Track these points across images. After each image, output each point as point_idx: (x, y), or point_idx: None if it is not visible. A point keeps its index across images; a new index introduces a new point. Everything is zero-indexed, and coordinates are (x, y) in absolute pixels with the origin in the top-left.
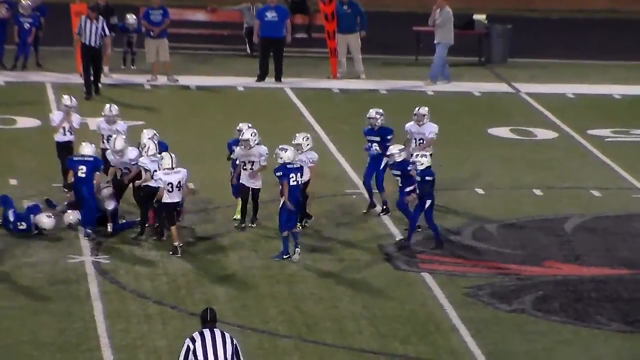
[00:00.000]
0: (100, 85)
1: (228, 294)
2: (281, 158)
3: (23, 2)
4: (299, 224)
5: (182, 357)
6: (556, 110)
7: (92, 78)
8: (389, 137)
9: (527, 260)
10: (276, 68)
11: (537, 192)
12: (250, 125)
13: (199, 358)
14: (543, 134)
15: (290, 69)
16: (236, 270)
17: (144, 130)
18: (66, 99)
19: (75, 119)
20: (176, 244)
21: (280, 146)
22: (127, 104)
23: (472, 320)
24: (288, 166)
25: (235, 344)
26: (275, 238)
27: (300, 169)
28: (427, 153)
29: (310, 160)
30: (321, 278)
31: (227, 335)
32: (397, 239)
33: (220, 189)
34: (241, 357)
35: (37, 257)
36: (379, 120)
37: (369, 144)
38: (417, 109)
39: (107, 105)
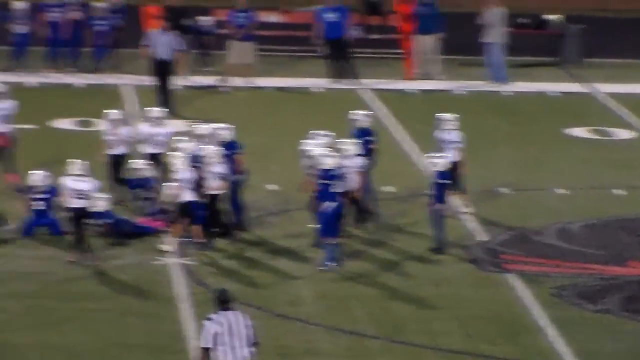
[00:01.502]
0: (173, 103)
1: (313, 295)
2: (325, 164)
3: (99, 4)
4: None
5: (208, 338)
6: (634, 110)
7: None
8: (368, 138)
9: (611, 260)
10: (348, 68)
11: (618, 192)
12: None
13: (223, 341)
14: (621, 133)
15: (367, 69)
16: (320, 273)
17: None
18: (114, 114)
19: (125, 130)
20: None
21: (321, 152)
22: (205, 106)
23: (558, 320)
24: (331, 172)
25: (250, 324)
26: (353, 239)
27: (343, 176)
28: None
29: (357, 166)
30: (406, 279)
31: (245, 317)
32: (480, 240)
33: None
34: (256, 338)
35: (124, 259)
36: (365, 122)
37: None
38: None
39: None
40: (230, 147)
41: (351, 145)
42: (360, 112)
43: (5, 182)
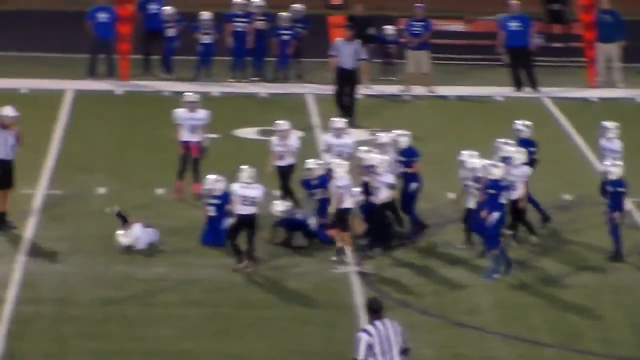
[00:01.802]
0: (354, 113)
1: (492, 304)
2: (492, 174)
3: (283, 14)
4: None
5: (363, 351)
6: None
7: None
8: (530, 149)
9: None
10: (528, 77)
11: None
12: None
13: (376, 351)
14: None
15: (548, 78)
16: (499, 279)
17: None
18: (280, 124)
19: (294, 141)
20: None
21: (490, 162)
22: (387, 115)
23: None
24: (498, 183)
25: (402, 331)
26: (529, 247)
27: (510, 186)
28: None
29: (523, 175)
30: (584, 287)
31: (396, 324)
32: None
33: None
34: (406, 343)
35: (303, 267)
36: (524, 132)
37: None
38: None
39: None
40: (407, 154)
41: (518, 154)
42: (522, 122)
43: (191, 191)
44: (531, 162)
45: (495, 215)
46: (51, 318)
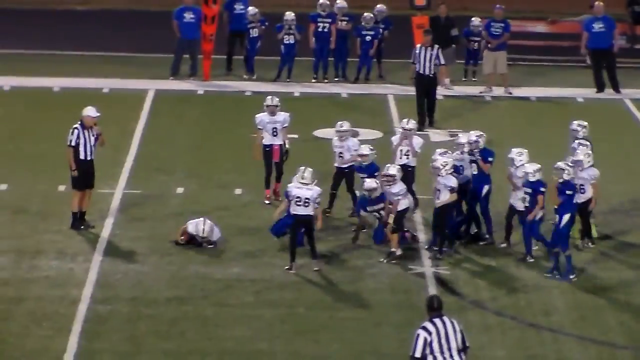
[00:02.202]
0: (434, 116)
1: (567, 305)
2: (564, 175)
3: (365, 14)
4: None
5: (420, 348)
6: None
7: (426, 108)
8: None
9: None
10: (610, 79)
11: None
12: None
13: (434, 349)
14: None
15: (630, 80)
16: (575, 280)
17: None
18: (404, 122)
19: (417, 141)
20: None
21: (558, 163)
22: (467, 116)
23: None
24: (572, 184)
25: (461, 330)
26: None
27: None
28: None
29: (592, 177)
30: None
31: (455, 323)
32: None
33: None
34: (466, 342)
35: (379, 267)
36: (580, 133)
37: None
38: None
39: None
40: (482, 155)
41: (587, 156)
42: (578, 122)
43: (267, 194)
44: None
45: (566, 216)
46: (126, 317)
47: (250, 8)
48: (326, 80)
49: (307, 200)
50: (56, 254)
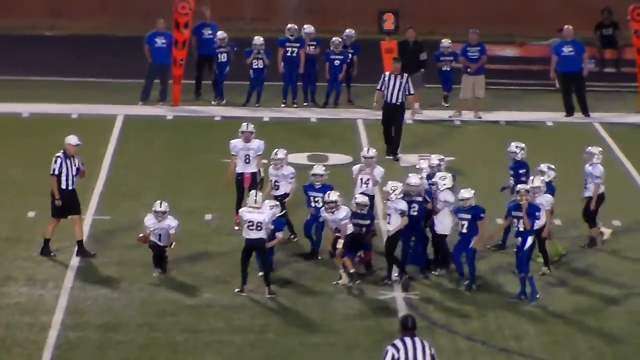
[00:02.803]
0: (399, 145)
1: (538, 330)
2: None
3: (334, 39)
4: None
5: None
6: None
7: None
8: (521, 171)
9: None
10: (580, 102)
11: None
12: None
13: None
14: None
15: (599, 103)
16: (545, 305)
17: None
18: (365, 151)
19: (378, 171)
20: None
21: (521, 186)
22: (436, 140)
23: None
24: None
25: (433, 354)
26: (575, 273)
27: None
28: None
29: (547, 203)
30: (631, 314)
31: (426, 344)
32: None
33: None
34: None
35: (348, 293)
36: (518, 155)
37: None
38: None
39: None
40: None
41: (542, 183)
42: (516, 144)
43: (237, 220)
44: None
45: (530, 239)
46: (96, 344)
47: (219, 32)
48: (295, 105)
49: (259, 224)
50: (26, 280)
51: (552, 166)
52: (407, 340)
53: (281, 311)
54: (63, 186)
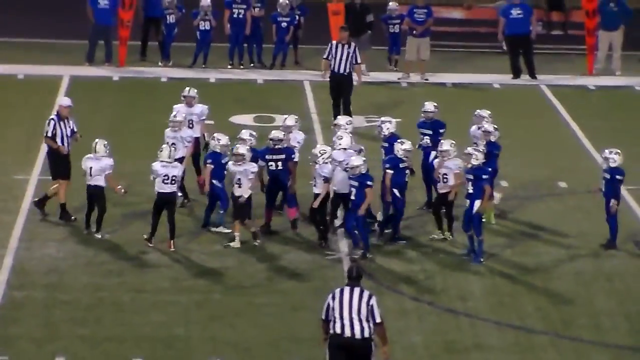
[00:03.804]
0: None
1: (484, 290)
2: (473, 160)
3: (281, 1)
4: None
5: (324, 313)
6: None
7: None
8: (441, 130)
9: None
10: (527, 65)
11: None
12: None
13: (334, 314)
14: None
15: (546, 65)
16: (492, 266)
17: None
18: (283, 119)
19: (294, 136)
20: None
21: (468, 149)
22: (382, 102)
23: None
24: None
25: (372, 305)
26: (523, 235)
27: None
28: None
29: (456, 167)
30: (577, 274)
31: (365, 294)
32: None
33: None
34: (376, 317)
35: (295, 253)
36: (430, 114)
37: (421, 137)
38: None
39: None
40: (390, 140)
41: (453, 146)
42: (430, 103)
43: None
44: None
45: (478, 202)
46: (42, 303)
47: None
48: (242, 67)
49: (174, 178)
50: None
51: (496, 126)
52: (346, 289)
53: (227, 272)
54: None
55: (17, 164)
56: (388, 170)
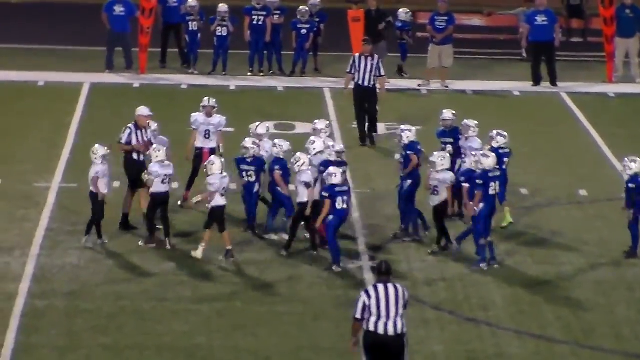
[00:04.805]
0: (374, 134)
1: (505, 299)
2: (483, 164)
3: (301, 8)
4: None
5: (359, 312)
6: None
7: (366, 125)
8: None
9: None
10: (550, 72)
11: None
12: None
13: (372, 311)
14: None
15: (565, 73)
16: (513, 275)
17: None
18: (254, 127)
19: (265, 145)
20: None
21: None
22: (403, 110)
23: None
24: (489, 174)
25: (407, 298)
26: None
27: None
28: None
29: (446, 181)
30: (597, 283)
31: (400, 289)
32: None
33: None
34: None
35: (316, 262)
36: (448, 122)
37: (443, 146)
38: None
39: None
40: (409, 149)
41: (442, 160)
42: (448, 111)
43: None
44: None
45: (481, 206)
46: (63, 312)
47: (190, 0)
48: (262, 74)
49: (170, 177)
50: None
51: (503, 132)
52: (380, 286)
53: (248, 280)
54: (135, 157)
55: (37, 172)
56: (465, 184)
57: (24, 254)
